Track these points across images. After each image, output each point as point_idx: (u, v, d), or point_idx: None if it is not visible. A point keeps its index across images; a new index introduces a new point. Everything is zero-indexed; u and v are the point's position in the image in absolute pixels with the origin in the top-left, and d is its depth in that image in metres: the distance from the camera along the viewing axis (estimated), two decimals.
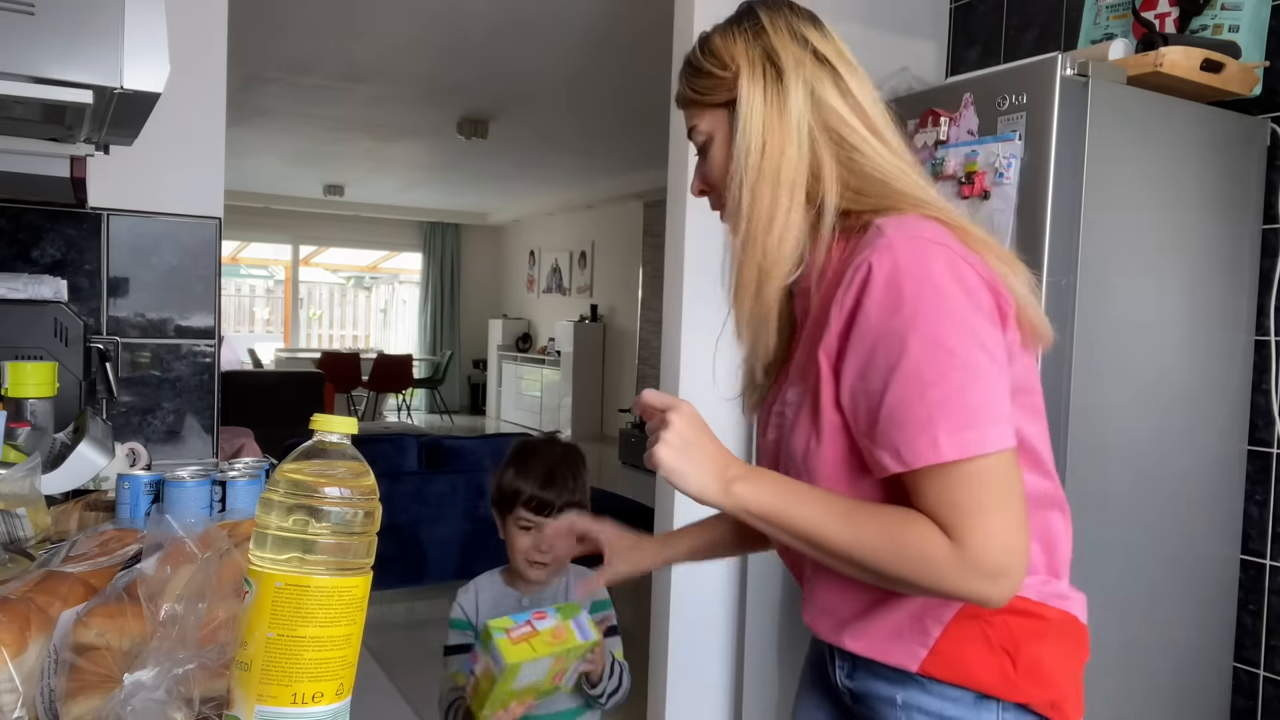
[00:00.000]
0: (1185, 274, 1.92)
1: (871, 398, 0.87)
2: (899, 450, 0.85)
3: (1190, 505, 1.95)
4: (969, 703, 0.94)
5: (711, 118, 1.01)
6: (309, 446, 0.65)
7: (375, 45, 4.97)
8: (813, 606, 1.03)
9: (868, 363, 0.87)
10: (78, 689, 0.70)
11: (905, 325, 0.84)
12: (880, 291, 0.86)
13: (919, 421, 0.83)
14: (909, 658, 0.95)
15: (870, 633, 0.97)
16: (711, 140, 1.02)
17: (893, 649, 0.96)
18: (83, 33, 0.94)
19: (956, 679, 0.94)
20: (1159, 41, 1.82)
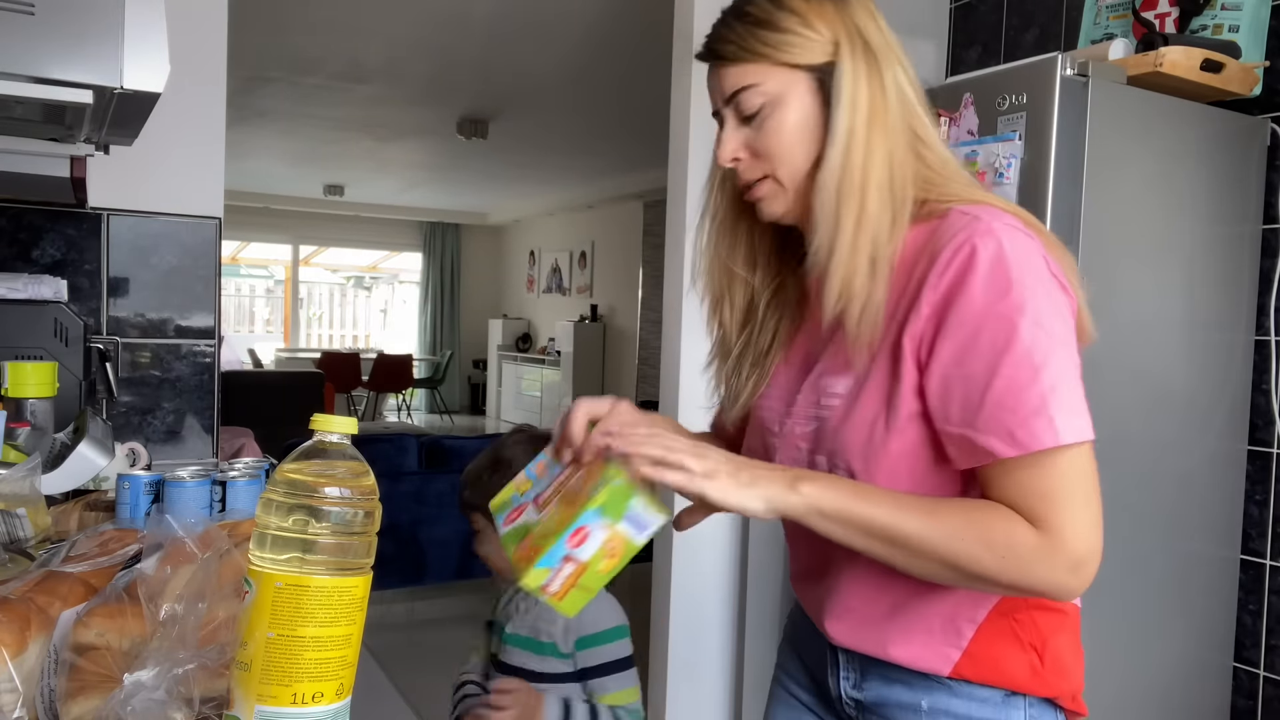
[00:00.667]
0: (1185, 274, 1.92)
1: (972, 381, 0.83)
2: (1013, 434, 0.81)
3: (1190, 505, 1.95)
4: (998, 701, 0.92)
5: (783, 79, 0.91)
6: (309, 446, 0.65)
7: (375, 45, 4.97)
8: (836, 612, 0.98)
9: (968, 346, 0.83)
10: (78, 689, 0.70)
11: (1014, 309, 0.82)
12: (986, 274, 0.83)
13: (1033, 404, 0.81)
14: (941, 661, 0.92)
15: (899, 637, 0.94)
16: (778, 105, 0.91)
17: (923, 653, 0.93)
18: (83, 33, 0.94)
19: (989, 679, 0.92)
20: (1159, 41, 1.82)
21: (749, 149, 0.94)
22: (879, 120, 0.89)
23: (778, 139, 0.92)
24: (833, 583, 0.99)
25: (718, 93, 0.95)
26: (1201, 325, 1.94)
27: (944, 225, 0.88)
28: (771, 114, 0.92)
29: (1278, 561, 2.00)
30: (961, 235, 0.85)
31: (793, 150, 0.92)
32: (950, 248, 0.85)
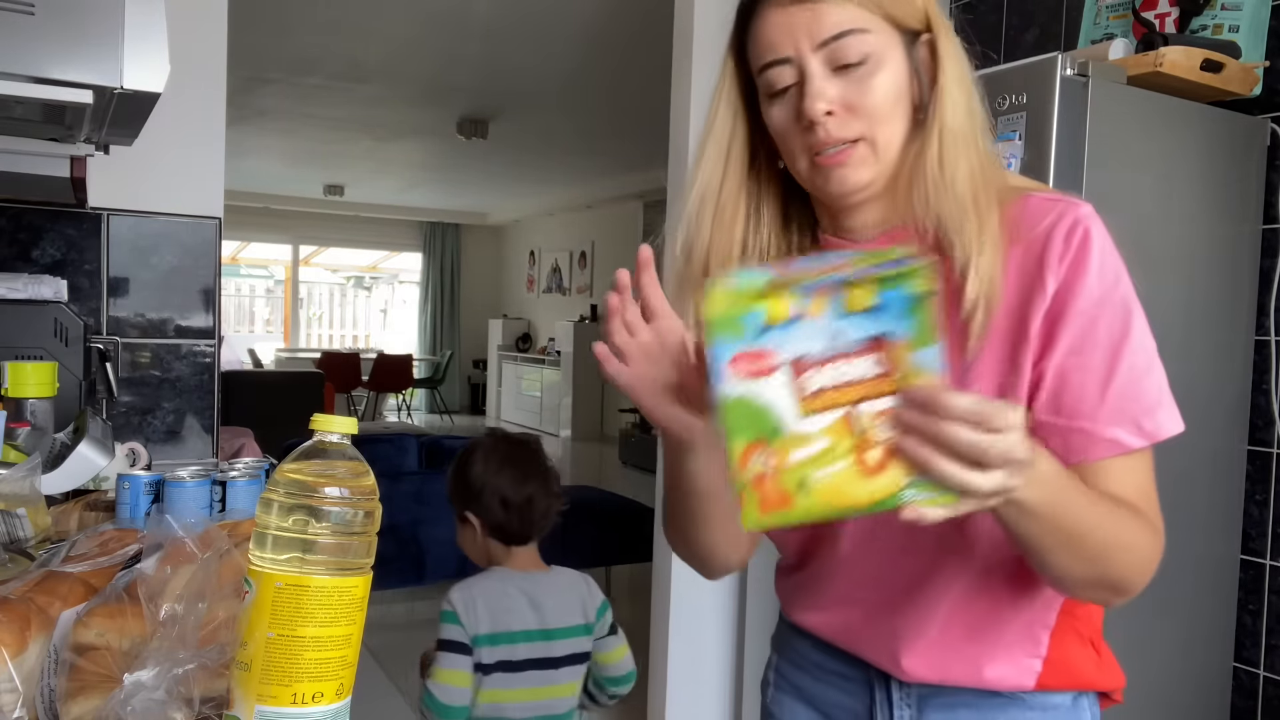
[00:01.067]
0: (1185, 274, 1.92)
1: (1090, 371, 0.79)
2: (1140, 424, 0.78)
3: (1190, 505, 1.94)
4: (1068, 706, 0.89)
5: (887, 36, 0.82)
6: (309, 446, 0.65)
7: (376, 45, 4.97)
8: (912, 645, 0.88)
9: (1087, 334, 0.79)
10: (78, 689, 0.70)
11: (1127, 296, 0.80)
12: (1099, 261, 0.80)
13: (1155, 393, 0.80)
14: (1026, 674, 0.87)
15: (982, 658, 0.87)
16: (883, 62, 0.81)
17: (1009, 670, 0.87)
18: (83, 33, 0.94)
19: (1065, 684, 0.88)
20: (1159, 41, 1.82)
21: (842, 103, 0.81)
22: (977, 98, 0.84)
23: (883, 97, 0.81)
24: (903, 615, 0.88)
25: (805, 32, 0.81)
26: (1201, 325, 1.94)
27: (1029, 209, 0.83)
28: (877, 69, 0.81)
29: (1278, 561, 2.00)
30: (1069, 219, 0.81)
31: (893, 114, 0.82)
32: (1062, 232, 0.80)
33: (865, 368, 0.64)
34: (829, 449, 0.64)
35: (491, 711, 1.62)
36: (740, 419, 0.64)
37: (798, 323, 0.64)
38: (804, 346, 0.64)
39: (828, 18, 0.80)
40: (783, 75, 0.82)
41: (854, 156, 0.82)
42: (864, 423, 0.63)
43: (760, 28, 0.83)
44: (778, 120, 0.85)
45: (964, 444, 0.62)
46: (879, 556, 0.89)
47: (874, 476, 0.64)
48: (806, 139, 0.83)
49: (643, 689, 2.87)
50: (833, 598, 0.94)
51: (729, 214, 0.90)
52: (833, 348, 0.64)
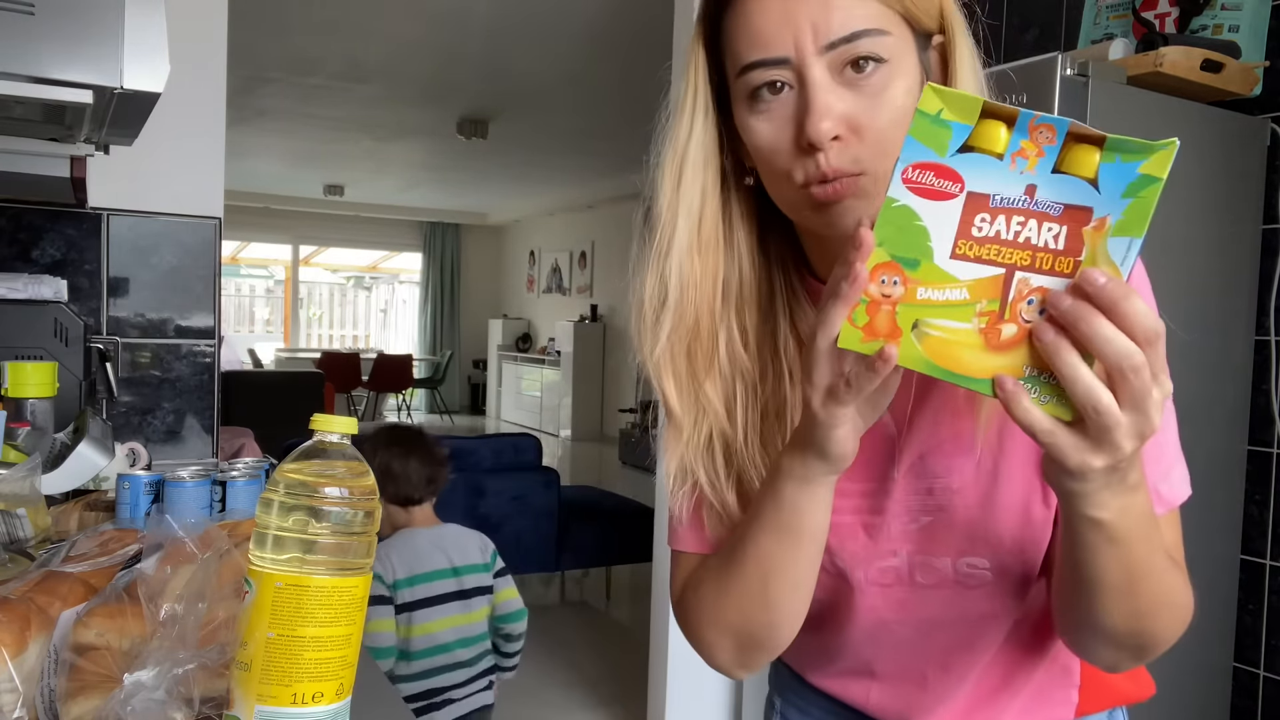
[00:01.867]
0: (1185, 274, 1.92)
1: None
2: (1158, 490, 0.71)
3: (1190, 505, 1.94)
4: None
5: (905, 39, 0.67)
6: (309, 446, 0.65)
7: (375, 45, 4.97)
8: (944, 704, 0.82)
9: None
10: (78, 689, 0.70)
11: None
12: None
13: (1173, 455, 0.73)
14: (1063, 707, 0.83)
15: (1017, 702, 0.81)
16: (896, 71, 0.66)
17: (1044, 708, 0.82)
18: (83, 33, 0.94)
19: (1101, 704, 0.85)
20: (1159, 41, 1.82)
21: (849, 123, 0.65)
22: None
23: (897, 115, 0.65)
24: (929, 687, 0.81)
25: (810, 27, 0.64)
26: (1201, 325, 1.94)
27: None
28: (892, 80, 0.65)
29: (1278, 561, 2.00)
30: None
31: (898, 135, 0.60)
32: None
33: (1050, 235, 0.54)
34: (964, 303, 0.56)
35: (427, 641, 1.97)
36: (892, 227, 0.56)
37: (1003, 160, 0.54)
38: (997, 186, 0.55)
39: (839, 10, 0.64)
40: (775, 79, 0.66)
41: (856, 189, 0.66)
42: (1018, 291, 0.55)
43: (747, 15, 0.67)
44: (762, 135, 0.68)
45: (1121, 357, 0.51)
46: (899, 634, 0.80)
47: (995, 353, 0.55)
48: (802, 164, 0.67)
49: (643, 689, 2.87)
50: (845, 668, 0.85)
51: (710, 246, 0.75)
52: (1025, 200, 0.54)
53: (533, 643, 3.93)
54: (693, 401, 0.75)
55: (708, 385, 0.75)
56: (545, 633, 4.04)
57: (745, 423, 0.75)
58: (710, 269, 0.75)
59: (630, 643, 3.89)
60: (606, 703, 3.33)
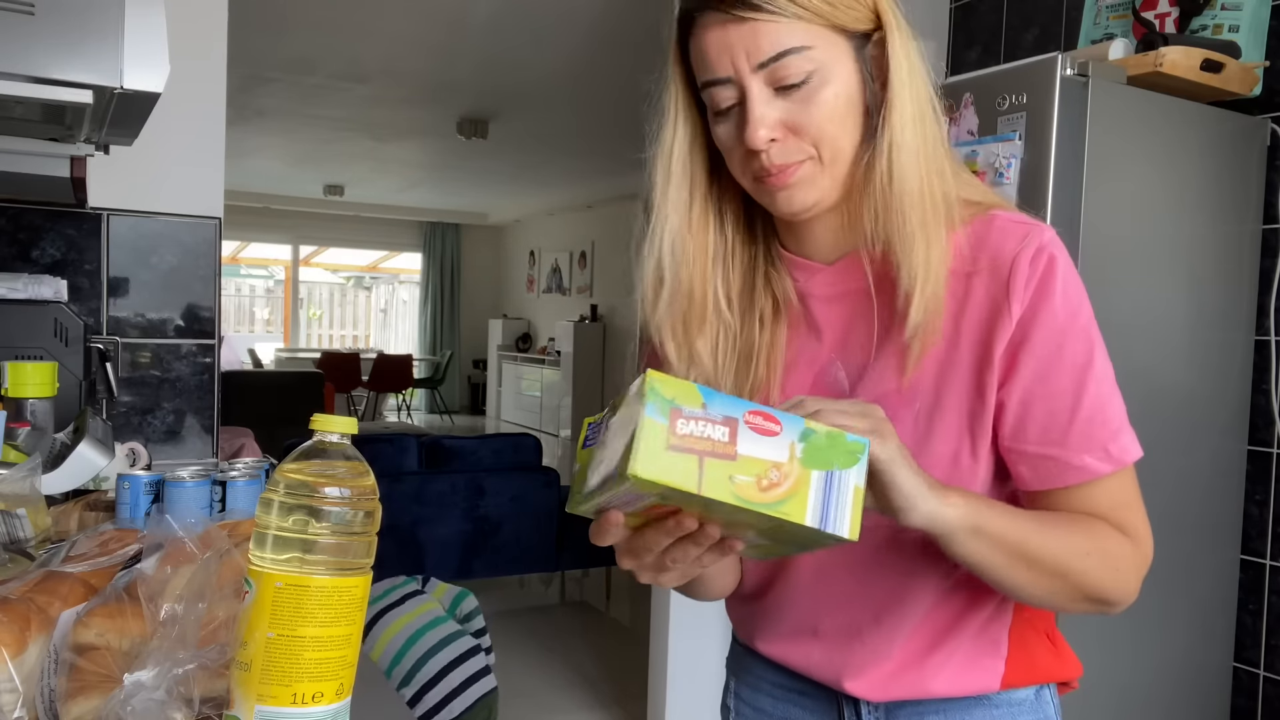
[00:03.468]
0: (1185, 274, 1.92)
1: (1058, 399, 0.79)
2: (1107, 449, 0.80)
3: (1190, 505, 1.94)
4: (1031, 700, 0.90)
5: (832, 46, 0.78)
6: (309, 446, 0.65)
7: (375, 45, 4.97)
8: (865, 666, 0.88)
9: (1053, 362, 0.79)
10: (78, 689, 0.70)
11: (1089, 323, 0.81)
12: (1063, 287, 0.79)
13: (1118, 419, 0.81)
14: (990, 677, 0.87)
15: (940, 670, 0.87)
16: (828, 76, 0.77)
17: (970, 676, 0.87)
18: (83, 33, 0.94)
19: (1028, 679, 0.89)
20: (1159, 41, 1.82)
21: (786, 125, 0.78)
22: (931, 103, 0.81)
23: (829, 113, 0.78)
24: (864, 641, 0.88)
25: (743, 52, 0.77)
26: (1201, 325, 1.94)
27: (994, 229, 0.82)
28: (822, 85, 0.77)
29: (1278, 561, 2.00)
30: (1034, 244, 0.80)
31: (840, 129, 0.79)
32: (1027, 258, 0.79)
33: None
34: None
35: None
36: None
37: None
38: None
39: (765, 37, 0.75)
40: (724, 94, 0.79)
41: (799, 175, 0.79)
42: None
43: (698, 43, 0.80)
44: (723, 138, 0.82)
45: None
46: (839, 584, 0.88)
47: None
48: (749, 164, 0.81)
49: (643, 689, 2.87)
50: (791, 627, 0.92)
51: (700, 226, 0.88)
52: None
53: (533, 643, 3.93)
54: (686, 356, 0.89)
55: (699, 343, 0.88)
56: (545, 633, 4.04)
57: (722, 364, 0.90)
58: (701, 246, 0.88)
59: (630, 643, 3.89)
60: (606, 703, 3.33)
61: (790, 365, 0.90)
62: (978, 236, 0.82)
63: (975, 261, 0.82)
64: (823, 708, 0.94)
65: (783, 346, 0.90)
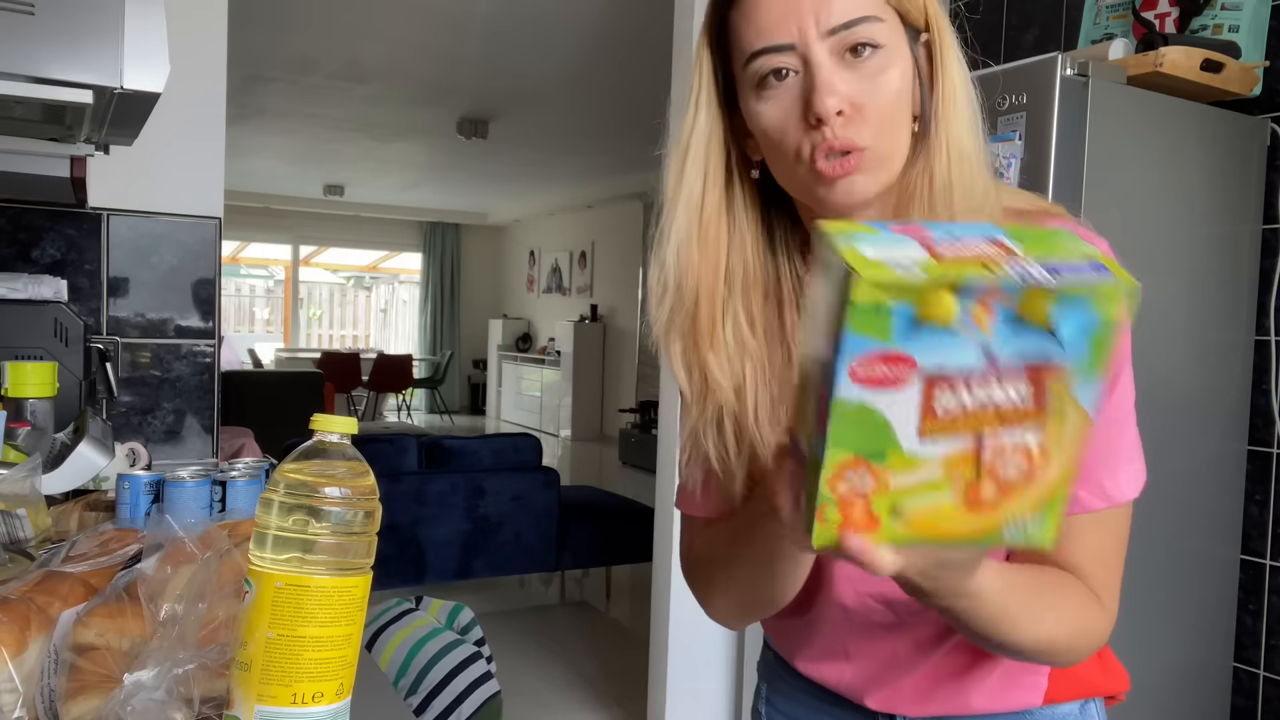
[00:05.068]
0: (1185, 274, 1.92)
1: None
2: (1103, 485, 0.75)
3: (1190, 505, 1.94)
4: (1075, 714, 0.87)
5: (898, 30, 0.73)
6: (309, 446, 0.65)
7: (375, 45, 4.97)
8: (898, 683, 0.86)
9: None
10: (78, 689, 0.70)
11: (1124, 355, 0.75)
12: None
13: (1126, 452, 0.76)
14: (1032, 692, 0.85)
15: (979, 686, 0.84)
16: (893, 58, 0.72)
17: (1011, 692, 0.84)
18: (83, 33, 0.94)
19: (1072, 694, 0.86)
20: (1159, 41, 1.82)
21: (852, 102, 0.71)
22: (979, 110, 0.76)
23: (895, 97, 0.72)
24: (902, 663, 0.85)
25: (812, 15, 0.70)
26: (1201, 325, 1.94)
27: None
28: (888, 65, 0.71)
29: (1278, 561, 2.00)
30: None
31: (901, 118, 0.73)
32: None
33: (1015, 394, 0.52)
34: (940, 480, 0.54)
35: None
36: (848, 425, 0.52)
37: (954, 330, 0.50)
38: (953, 358, 0.51)
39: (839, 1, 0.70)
40: (780, 62, 0.71)
41: (861, 163, 0.72)
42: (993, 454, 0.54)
43: (753, 8, 0.72)
44: (770, 118, 0.73)
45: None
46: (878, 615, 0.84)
47: (980, 513, 0.55)
48: (810, 138, 0.72)
49: (643, 689, 2.87)
50: (827, 648, 0.89)
51: (713, 235, 0.79)
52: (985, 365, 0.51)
53: (532, 643, 3.93)
54: (700, 380, 0.79)
55: (713, 366, 0.78)
56: (545, 633, 4.04)
57: (755, 402, 0.78)
58: (711, 257, 0.78)
59: (630, 643, 3.89)
60: (606, 703, 3.33)
61: None
62: None
63: None
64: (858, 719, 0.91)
65: None
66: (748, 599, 0.82)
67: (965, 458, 0.53)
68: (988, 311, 0.50)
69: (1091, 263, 0.52)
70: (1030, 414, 0.53)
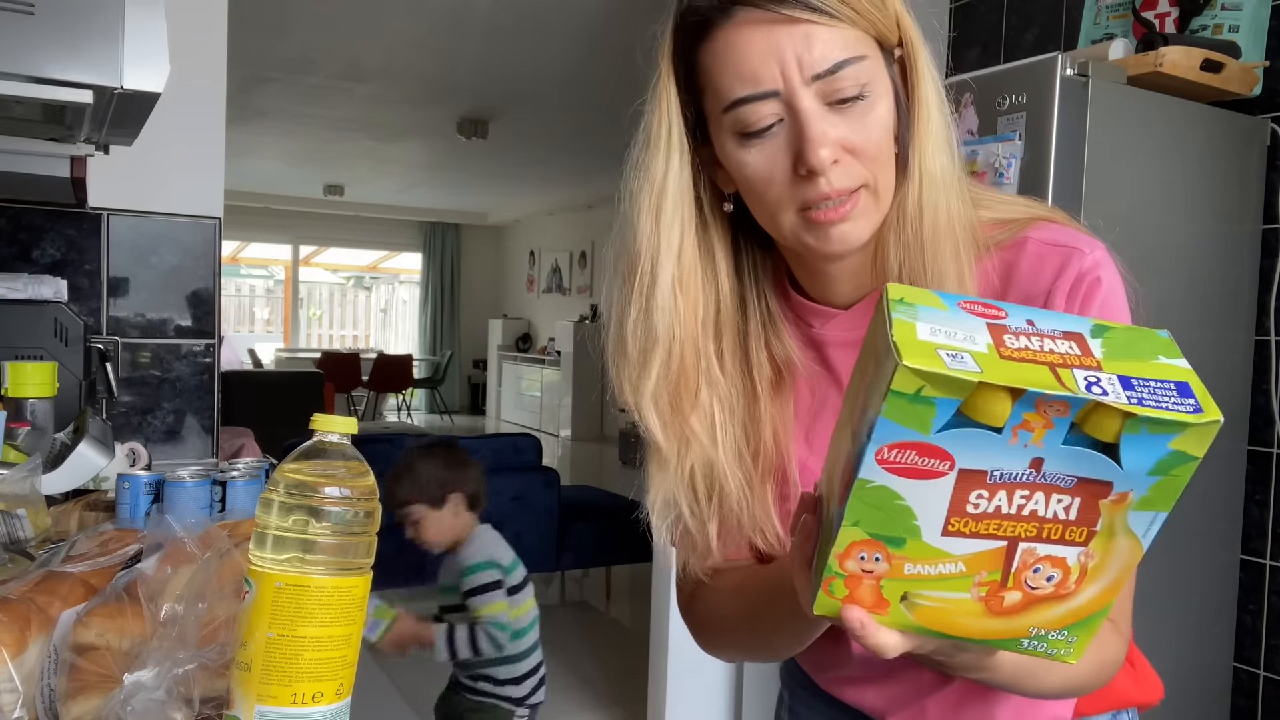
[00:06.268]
0: (1185, 274, 1.92)
1: None
2: None
3: (1190, 506, 1.94)
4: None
5: (878, 58, 0.69)
6: (309, 446, 0.65)
7: (375, 45, 4.97)
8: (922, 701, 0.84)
9: None
10: (78, 689, 0.70)
11: None
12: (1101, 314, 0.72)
13: None
14: (1061, 706, 0.82)
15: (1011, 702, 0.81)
16: (880, 92, 0.69)
17: (1037, 710, 0.82)
18: (83, 33, 0.94)
19: (1103, 706, 0.85)
20: (1159, 41, 1.82)
21: (845, 146, 0.68)
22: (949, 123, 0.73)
23: (885, 135, 0.69)
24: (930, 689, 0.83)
25: (794, 60, 0.66)
26: (1201, 325, 1.94)
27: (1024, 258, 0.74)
28: (876, 103, 0.68)
29: (1278, 562, 2.00)
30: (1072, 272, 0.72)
31: (891, 148, 0.70)
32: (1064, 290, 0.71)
33: (1060, 507, 0.49)
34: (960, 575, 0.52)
35: (529, 617, 2.18)
36: (869, 506, 0.50)
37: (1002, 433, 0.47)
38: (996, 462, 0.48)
39: (821, 44, 0.66)
40: (763, 112, 0.67)
41: (857, 208, 0.69)
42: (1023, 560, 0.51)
43: (730, 50, 0.67)
44: (756, 168, 0.70)
45: None
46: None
47: (997, 618, 0.53)
48: (801, 191, 0.69)
49: (643, 689, 2.87)
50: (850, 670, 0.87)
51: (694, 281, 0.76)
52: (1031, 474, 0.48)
53: None
54: (678, 435, 0.77)
55: (693, 419, 0.76)
56: (545, 633, 4.04)
57: (724, 443, 0.77)
58: (692, 301, 0.76)
59: (630, 643, 3.89)
60: (606, 703, 3.33)
61: (814, 416, 0.81)
62: (1006, 266, 0.74)
63: (1002, 295, 0.73)
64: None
65: (790, 416, 0.80)
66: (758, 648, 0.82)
67: (993, 559, 0.51)
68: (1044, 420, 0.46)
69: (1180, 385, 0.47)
70: (1075, 529, 0.49)
